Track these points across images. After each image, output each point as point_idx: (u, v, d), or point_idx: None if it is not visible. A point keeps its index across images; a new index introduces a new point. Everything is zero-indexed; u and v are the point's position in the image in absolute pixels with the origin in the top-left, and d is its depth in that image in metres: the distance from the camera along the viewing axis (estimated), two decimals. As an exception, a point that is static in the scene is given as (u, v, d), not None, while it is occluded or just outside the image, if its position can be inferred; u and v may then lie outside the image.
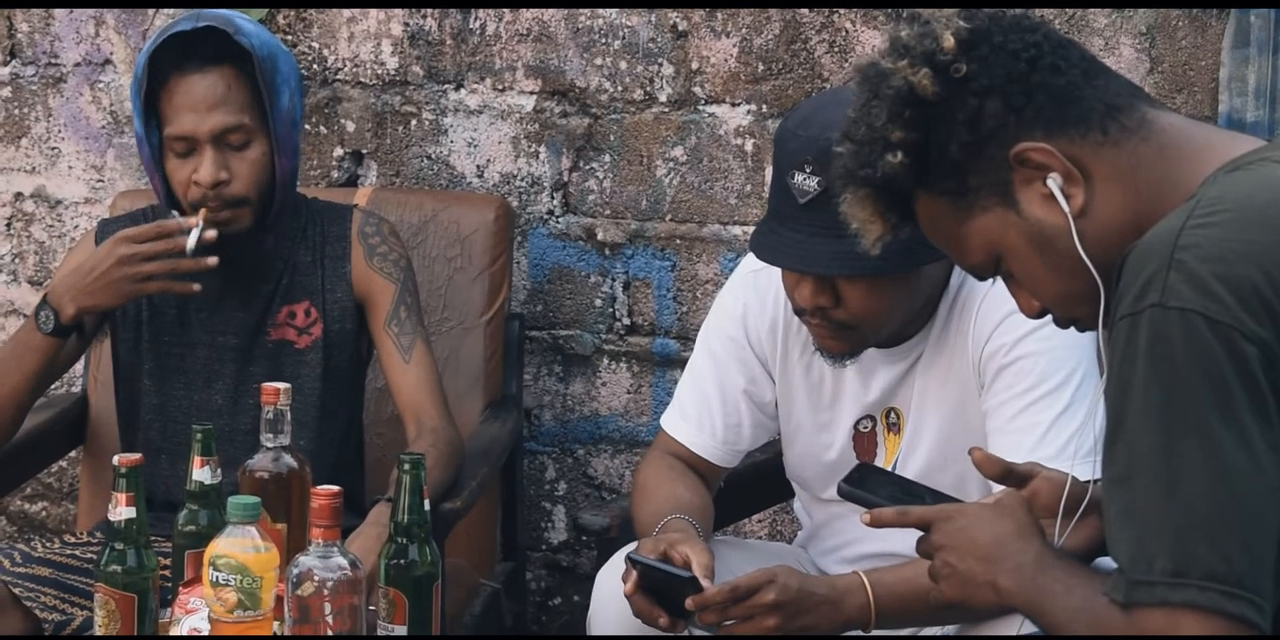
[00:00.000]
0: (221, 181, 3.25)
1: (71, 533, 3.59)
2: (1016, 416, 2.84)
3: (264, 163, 3.28)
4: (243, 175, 3.27)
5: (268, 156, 3.28)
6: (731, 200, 3.96)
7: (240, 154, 3.26)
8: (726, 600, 2.64)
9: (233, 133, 3.25)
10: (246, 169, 3.27)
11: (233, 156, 3.26)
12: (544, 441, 4.12)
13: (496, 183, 4.08)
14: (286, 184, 3.33)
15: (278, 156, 3.28)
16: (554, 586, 4.15)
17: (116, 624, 2.62)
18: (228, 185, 3.26)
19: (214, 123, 3.23)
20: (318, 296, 3.44)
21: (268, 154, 3.28)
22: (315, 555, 2.53)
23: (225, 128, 3.24)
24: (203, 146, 3.24)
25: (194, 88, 3.24)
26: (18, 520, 4.42)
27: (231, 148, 3.26)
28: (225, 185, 3.25)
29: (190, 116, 3.24)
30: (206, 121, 3.23)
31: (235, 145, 3.26)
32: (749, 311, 3.10)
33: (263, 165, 3.28)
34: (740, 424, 3.11)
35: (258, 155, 3.27)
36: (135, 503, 2.64)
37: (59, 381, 3.77)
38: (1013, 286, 2.23)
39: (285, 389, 2.74)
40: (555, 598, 4.15)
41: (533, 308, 4.08)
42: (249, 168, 3.27)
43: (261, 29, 3.29)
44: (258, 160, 3.28)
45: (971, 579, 2.15)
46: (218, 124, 3.23)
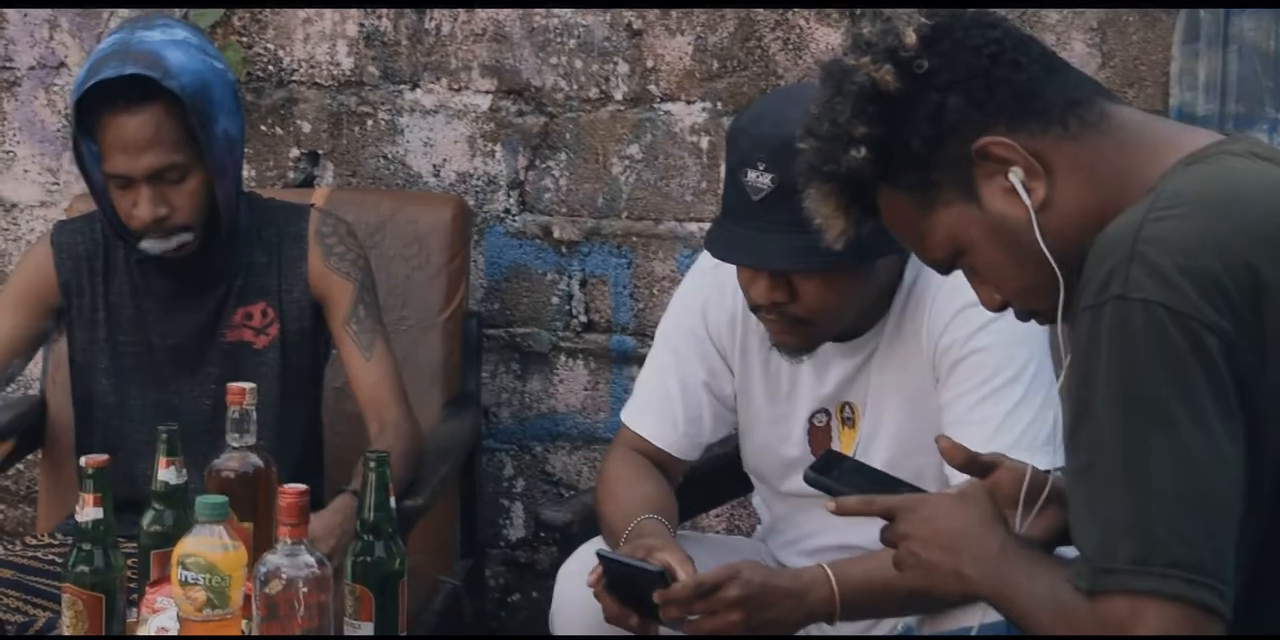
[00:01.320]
0: (160, 217, 3.25)
1: (32, 535, 3.58)
2: (972, 409, 2.86)
3: (203, 191, 3.28)
4: (182, 207, 3.27)
5: (206, 185, 3.28)
6: (687, 197, 3.97)
7: (178, 187, 3.26)
8: (691, 596, 2.64)
9: (167, 171, 3.24)
10: (185, 200, 3.27)
11: (170, 190, 3.26)
12: (502, 439, 4.12)
13: (453, 182, 4.09)
14: (230, 204, 3.33)
15: (216, 183, 3.28)
16: (513, 583, 4.16)
17: (84, 624, 2.62)
18: (168, 218, 3.26)
19: (147, 163, 3.23)
20: (274, 297, 3.44)
21: (206, 182, 3.28)
22: (283, 553, 2.53)
23: (158, 168, 3.23)
24: (139, 183, 3.24)
25: (124, 129, 3.22)
26: (-25, 523, 4.42)
27: (168, 182, 3.25)
28: (166, 219, 3.26)
29: (123, 157, 3.23)
30: (140, 162, 3.23)
31: (172, 179, 3.25)
32: (709, 305, 3.11)
33: (201, 194, 3.28)
34: (701, 417, 3.12)
35: (195, 186, 3.27)
36: (103, 503, 2.64)
37: (15, 384, 3.76)
38: (974, 280, 2.24)
39: (250, 389, 2.74)
40: (514, 594, 4.15)
41: (490, 306, 4.08)
42: (187, 199, 3.27)
43: (192, 55, 3.24)
44: (195, 191, 3.27)
45: (936, 568, 2.16)
46: (150, 165, 3.23)
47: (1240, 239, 1.99)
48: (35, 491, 4.30)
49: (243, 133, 3.36)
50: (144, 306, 3.44)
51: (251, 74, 4.14)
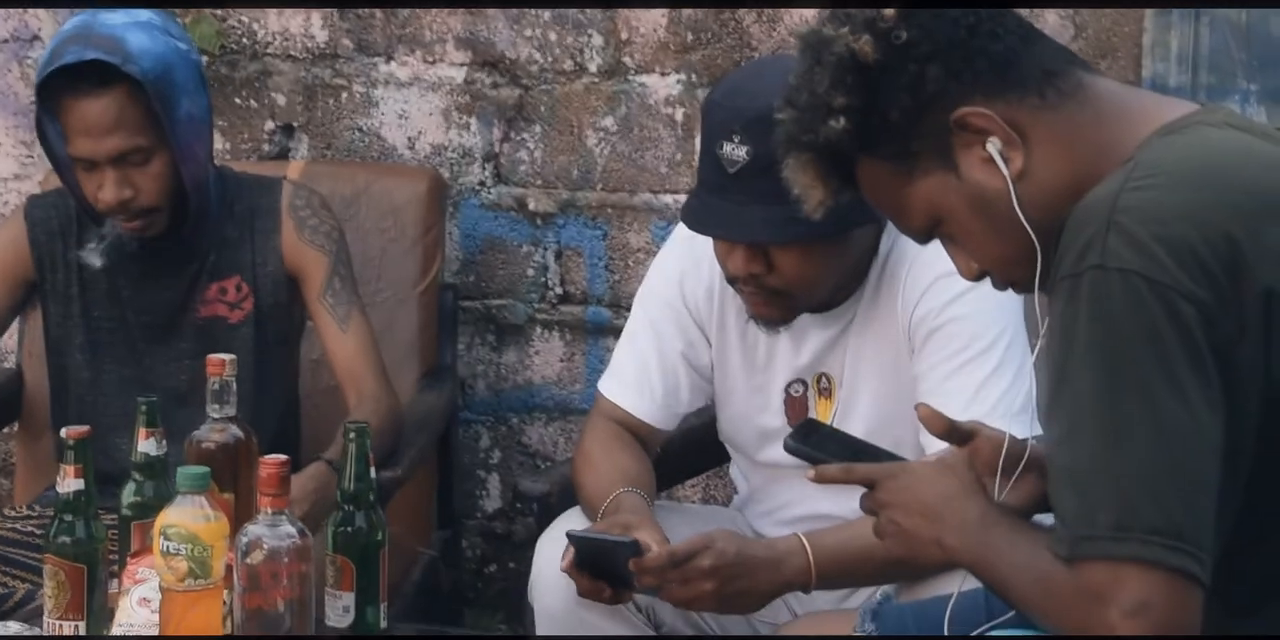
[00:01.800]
0: (125, 199, 3.25)
1: (10, 507, 3.58)
2: (947, 378, 2.87)
3: (168, 173, 3.27)
4: (147, 189, 3.27)
5: (171, 166, 3.27)
6: (662, 169, 3.98)
7: (142, 169, 3.26)
8: (665, 565, 2.66)
9: (131, 154, 3.24)
10: (150, 183, 3.27)
11: (135, 172, 3.25)
12: (478, 411, 4.13)
13: (428, 154, 4.09)
14: (199, 185, 3.32)
15: (182, 164, 3.27)
16: (489, 554, 4.17)
17: (66, 595, 2.63)
18: (134, 200, 3.26)
19: (110, 147, 3.22)
20: (248, 271, 3.44)
21: (170, 163, 3.27)
22: (264, 524, 2.54)
23: (121, 152, 3.23)
24: (103, 166, 3.24)
25: (87, 113, 3.22)
26: (-50, 496, 4.41)
27: (132, 164, 3.25)
28: (131, 201, 3.26)
29: (86, 141, 3.23)
30: (102, 146, 3.22)
31: (136, 162, 3.25)
32: (686, 276, 3.11)
33: (167, 176, 3.28)
34: (679, 387, 3.13)
35: (160, 168, 3.27)
36: (84, 475, 2.65)
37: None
38: (952, 249, 2.25)
39: (230, 360, 2.75)
40: (490, 565, 4.16)
41: (465, 278, 4.09)
42: (152, 181, 3.27)
43: (155, 37, 3.23)
44: (161, 173, 3.27)
45: (916, 536, 2.18)
46: (113, 148, 3.22)
47: (1217, 209, 2.00)
48: (11, 464, 4.30)
49: (209, 111, 3.36)
50: (117, 283, 3.44)
51: (225, 46, 4.14)
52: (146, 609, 2.60)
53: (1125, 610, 1.94)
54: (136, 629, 2.59)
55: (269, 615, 2.53)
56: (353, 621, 2.67)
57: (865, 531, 2.67)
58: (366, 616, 2.68)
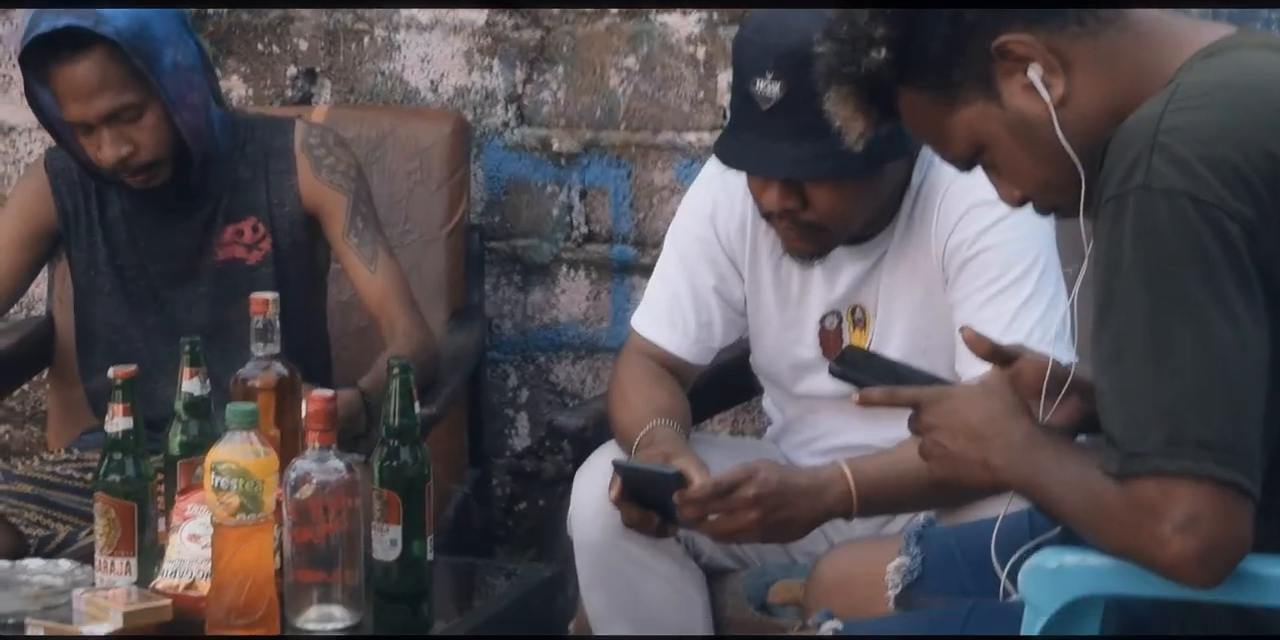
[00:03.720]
0: (125, 156, 3.27)
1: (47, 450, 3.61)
2: (982, 307, 2.90)
3: (163, 125, 3.28)
4: (144, 144, 3.28)
5: (165, 119, 3.28)
6: (685, 107, 3.99)
7: (136, 125, 3.27)
8: (709, 496, 2.68)
9: (122, 111, 3.25)
10: (146, 137, 3.28)
11: (130, 129, 3.26)
12: (505, 350, 4.15)
13: (451, 97, 4.09)
14: (197, 132, 3.32)
15: (176, 115, 3.27)
16: (518, 492, 4.19)
17: (117, 532, 2.66)
18: (133, 156, 3.28)
19: (99, 108, 3.23)
20: (264, 212, 3.45)
21: (164, 116, 3.28)
22: (312, 459, 2.57)
23: (111, 111, 3.24)
24: (98, 128, 3.25)
25: (72, 77, 3.23)
26: (-19, 444, 4.44)
27: (126, 121, 3.26)
28: (131, 157, 3.28)
29: (76, 105, 3.24)
30: (92, 108, 3.23)
31: (129, 119, 3.26)
32: (718, 211, 3.13)
33: (162, 128, 3.28)
34: (712, 321, 3.15)
35: (154, 121, 3.27)
36: (132, 413, 2.67)
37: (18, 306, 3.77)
38: (994, 176, 2.27)
39: (273, 298, 2.77)
40: (520, 503, 4.19)
41: (490, 219, 4.10)
42: (149, 135, 3.28)
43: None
44: (156, 125, 3.28)
45: (962, 458, 2.19)
46: (103, 109, 3.23)
47: (1259, 128, 2.02)
48: (41, 411, 4.33)
49: (199, 57, 3.35)
50: (135, 231, 3.47)
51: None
52: (196, 545, 2.63)
53: (1177, 524, 1.96)
54: (187, 564, 2.63)
55: (318, 549, 2.56)
56: (399, 554, 2.69)
57: (906, 458, 2.71)
58: (413, 550, 2.70)
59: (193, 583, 2.61)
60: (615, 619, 3.03)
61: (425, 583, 2.72)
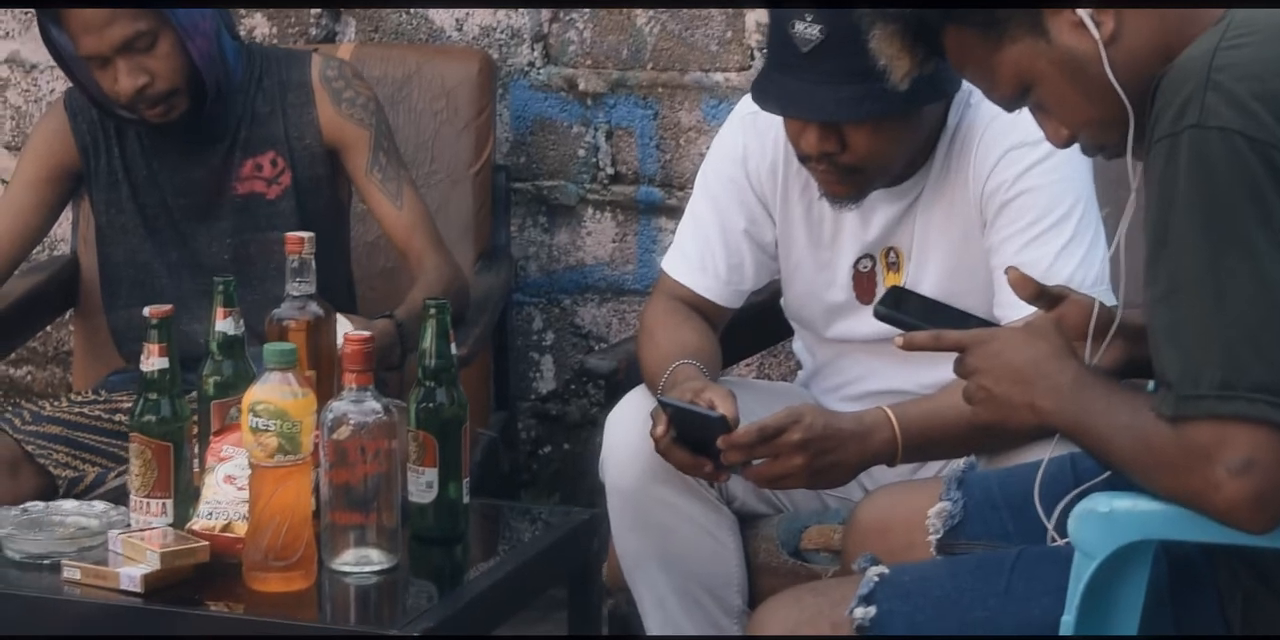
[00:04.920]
0: (141, 86, 3.26)
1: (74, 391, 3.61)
2: (1021, 250, 2.88)
3: (177, 53, 3.28)
4: (161, 72, 3.27)
5: (179, 45, 3.27)
6: (712, 47, 3.96)
7: (150, 54, 3.26)
8: (754, 440, 2.67)
9: (135, 40, 3.24)
10: (161, 66, 3.27)
11: (144, 58, 3.26)
12: (530, 292, 4.14)
13: (476, 36, 4.07)
14: (210, 59, 3.32)
15: (189, 41, 3.27)
16: (543, 435, 4.19)
17: (153, 473, 2.66)
18: (150, 86, 3.27)
19: (112, 39, 3.23)
20: (282, 145, 3.45)
21: (178, 43, 3.27)
22: (349, 400, 2.57)
23: (124, 40, 3.23)
24: (113, 59, 3.25)
25: (82, 11, 3.23)
26: (3, 385, 4.42)
27: (140, 51, 3.25)
28: (148, 87, 3.27)
29: (89, 38, 3.24)
30: (105, 40, 3.23)
31: (142, 48, 3.25)
32: (749, 153, 3.11)
33: (176, 56, 3.28)
34: (742, 264, 3.13)
35: (168, 48, 3.27)
36: (167, 353, 2.67)
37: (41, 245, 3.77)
38: (1041, 116, 2.25)
39: (309, 238, 2.76)
40: (545, 446, 4.19)
41: (516, 160, 4.08)
42: (163, 64, 3.27)
43: None
44: (170, 53, 3.27)
45: (1008, 401, 2.18)
46: (116, 37, 3.23)
47: None
48: (64, 352, 4.33)
49: None
50: (154, 167, 3.46)
51: (269, -70, 4.13)
52: (232, 486, 2.63)
53: (1232, 468, 1.95)
54: (223, 506, 2.63)
55: (355, 491, 2.56)
56: (435, 497, 2.69)
57: (949, 402, 2.71)
58: (449, 492, 2.70)
59: (229, 524, 2.60)
60: (647, 563, 3.02)
61: (461, 525, 2.72)
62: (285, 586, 2.52)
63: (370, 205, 3.48)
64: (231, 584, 2.55)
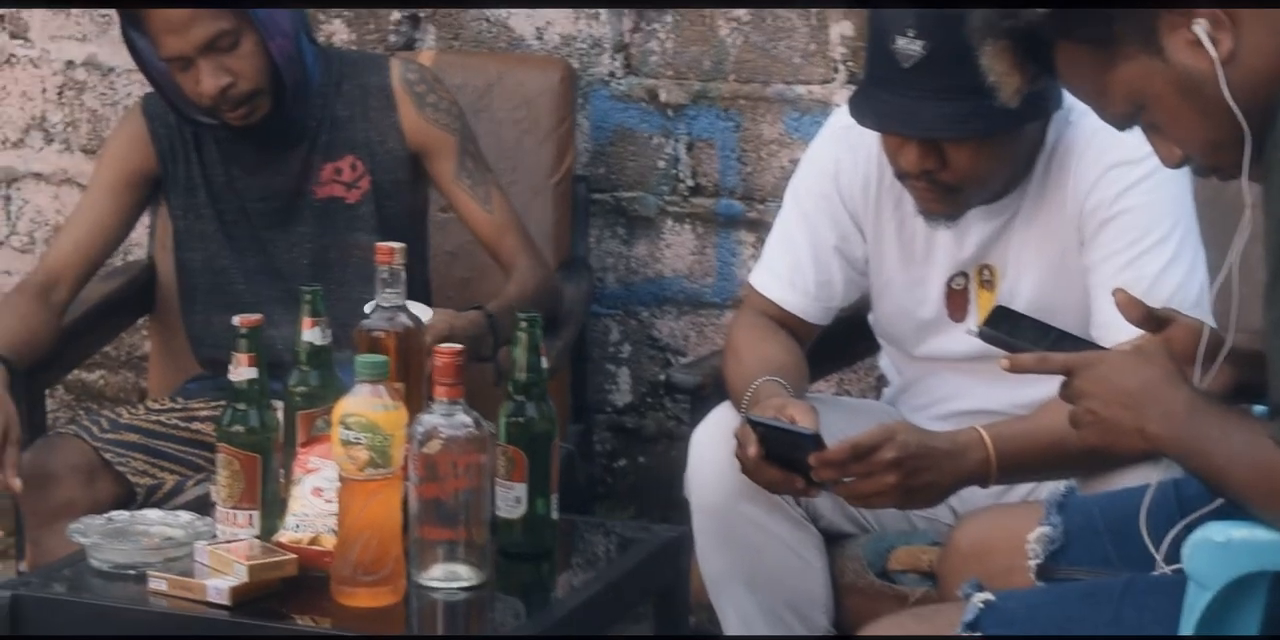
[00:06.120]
0: (225, 87, 3.25)
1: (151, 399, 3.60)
2: (1121, 270, 2.85)
3: (259, 52, 3.28)
4: (244, 72, 3.27)
5: (260, 45, 3.27)
6: (795, 59, 3.93)
7: (233, 54, 3.26)
8: (847, 457, 2.64)
9: (218, 40, 3.24)
10: (244, 65, 3.27)
11: (227, 59, 3.25)
12: (608, 304, 4.11)
13: (556, 45, 4.05)
14: (291, 59, 3.32)
15: (270, 41, 3.27)
16: (619, 448, 4.16)
17: (240, 484, 2.64)
18: (233, 87, 3.27)
19: (195, 38, 3.23)
20: (363, 149, 3.43)
21: (259, 42, 3.27)
22: (439, 413, 2.54)
23: (207, 40, 3.23)
24: (196, 60, 3.25)
25: (165, 11, 3.23)
26: (75, 389, 4.41)
27: (223, 51, 3.25)
28: (231, 88, 3.26)
29: (173, 39, 3.24)
30: (188, 40, 3.23)
31: (225, 48, 3.25)
32: (841, 168, 3.09)
33: (259, 55, 3.28)
34: (832, 280, 3.11)
35: (250, 48, 3.27)
36: (256, 363, 2.65)
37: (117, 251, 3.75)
38: (1153, 136, 2.22)
39: (400, 248, 2.74)
40: (621, 459, 4.16)
41: (595, 170, 4.06)
42: (246, 63, 3.27)
43: None
44: (252, 53, 3.27)
45: (1118, 426, 2.15)
46: (199, 38, 3.23)
47: None
48: (136, 357, 4.32)
49: None
50: (233, 172, 3.46)
51: (352, -63, 4.11)
52: (320, 498, 2.61)
53: (1353, 499, 1.93)
54: (311, 518, 2.61)
55: (445, 506, 2.54)
56: (524, 512, 2.67)
57: (1044, 424, 2.69)
58: (538, 507, 2.68)
59: (316, 537, 2.59)
60: (733, 581, 3.00)
61: (550, 542, 2.70)
62: (373, 601, 2.50)
63: (459, 209, 3.48)
64: (318, 598, 2.53)
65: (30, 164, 4.37)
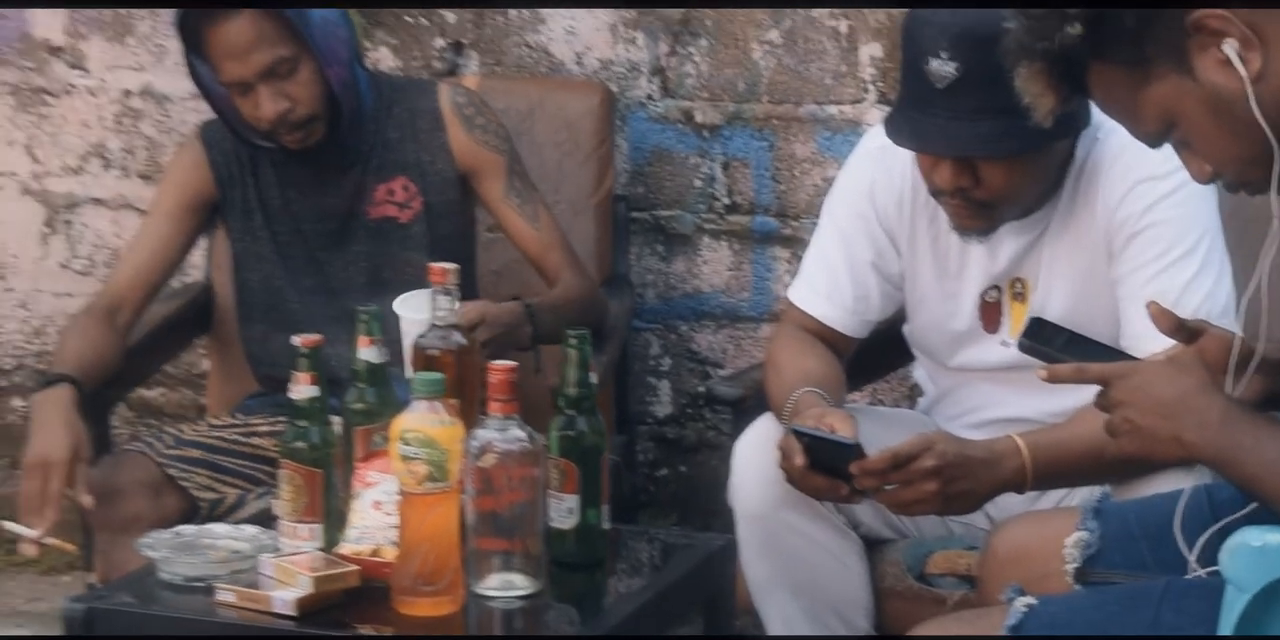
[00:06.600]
0: (283, 111, 3.27)
1: (212, 415, 3.61)
2: (1149, 282, 2.86)
3: (317, 79, 3.29)
4: (302, 98, 3.28)
5: (318, 72, 3.29)
6: (827, 80, 3.94)
7: (292, 80, 3.27)
8: (888, 466, 2.65)
9: (277, 66, 3.25)
10: (302, 92, 3.28)
11: (286, 84, 3.27)
12: (647, 319, 4.12)
13: (595, 69, 4.06)
14: (347, 86, 3.33)
15: (327, 68, 3.28)
16: (660, 458, 4.17)
17: (303, 498, 2.66)
18: (291, 112, 3.28)
19: (255, 65, 3.24)
20: (414, 170, 3.45)
21: (317, 69, 3.28)
22: (494, 428, 2.55)
23: (267, 66, 3.24)
24: (255, 86, 3.26)
25: (226, 36, 3.24)
26: (137, 406, 4.43)
27: (282, 77, 3.26)
28: (289, 112, 3.28)
29: (233, 64, 3.25)
30: (249, 65, 3.24)
31: (284, 74, 3.26)
32: (876, 187, 3.10)
33: (316, 82, 3.29)
34: (868, 295, 3.12)
35: (308, 75, 3.28)
36: (317, 382, 2.66)
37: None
38: (1184, 153, 2.22)
39: (453, 269, 2.75)
40: (662, 469, 4.17)
41: (634, 190, 4.07)
42: (304, 89, 3.28)
43: None
44: (310, 79, 3.28)
45: (1154, 435, 2.15)
46: (259, 65, 3.24)
47: None
48: (194, 374, 4.34)
49: (345, 14, 3.37)
50: (289, 195, 3.47)
51: (397, -35, 4.13)
52: (380, 512, 2.62)
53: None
54: (371, 531, 2.62)
55: (501, 518, 2.55)
56: (576, 523, 2.68)
57: (1077, 432, 2.70)
58: (589, 517, 2.69)
59: (377, 549, 2.60)
60: (776, 587, 3.01)
61: (601, 551, 2.71)
62: (433, 611, 2.51)
63: (506, 227, 3.49)
64: (379, 608, 2.54)
65: (90, 190, 4.39)
